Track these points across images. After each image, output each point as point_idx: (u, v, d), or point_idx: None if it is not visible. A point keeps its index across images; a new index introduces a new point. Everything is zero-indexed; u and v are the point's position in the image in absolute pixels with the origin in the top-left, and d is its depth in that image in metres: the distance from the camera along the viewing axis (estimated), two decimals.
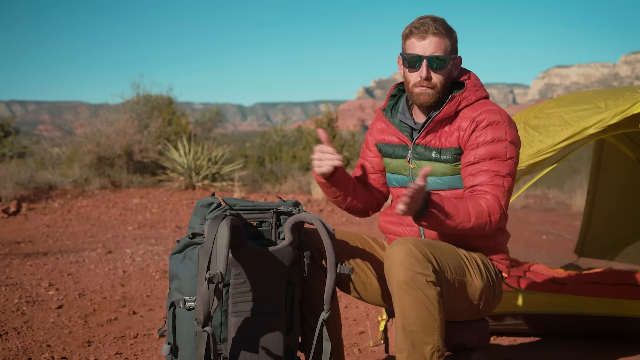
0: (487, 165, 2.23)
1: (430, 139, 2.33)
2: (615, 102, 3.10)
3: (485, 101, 2.35)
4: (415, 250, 2.02)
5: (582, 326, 3.38)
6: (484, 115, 2.27)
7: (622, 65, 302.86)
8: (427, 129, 2.33)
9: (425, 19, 2.29)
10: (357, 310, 4.07)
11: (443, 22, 2.30)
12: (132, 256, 5.68)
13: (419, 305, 2.00)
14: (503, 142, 2.25)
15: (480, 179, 2.22)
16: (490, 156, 2.24)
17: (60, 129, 59.96)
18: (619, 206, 4.77)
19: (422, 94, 2.30)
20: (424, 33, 2.26)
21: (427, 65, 2.27)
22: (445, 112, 2.30)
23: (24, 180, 10.29)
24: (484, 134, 2.25)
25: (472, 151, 2.26)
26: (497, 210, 2.18)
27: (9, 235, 6.80)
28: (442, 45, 2.27)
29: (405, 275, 1.99)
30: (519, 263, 4.18)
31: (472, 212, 2.14)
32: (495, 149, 2.24)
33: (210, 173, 11.69)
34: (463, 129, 2.29)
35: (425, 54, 2.27)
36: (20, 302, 4.02)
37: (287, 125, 19.21)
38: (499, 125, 2.26)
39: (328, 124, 15.44)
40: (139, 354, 3.17)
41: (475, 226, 2.16)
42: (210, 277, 1.92)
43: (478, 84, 2.37)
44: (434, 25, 2.26)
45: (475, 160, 2.24)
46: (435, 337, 2.02)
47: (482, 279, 2.25)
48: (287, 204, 2.22)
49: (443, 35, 2.27)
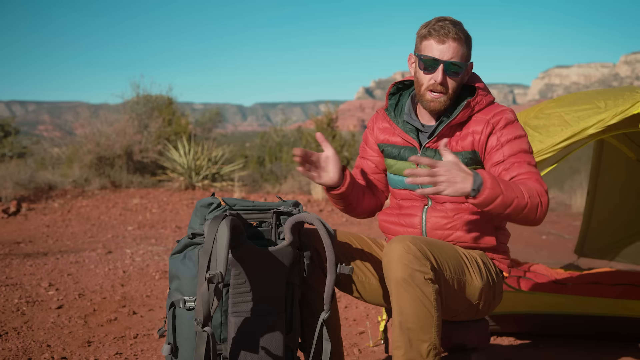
0: (519, 158, 2.24)
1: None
2: (615, 102, 3.10)
3: (495, 104, 2.36)
4: (413, 248, 2.02)
5: (582, 326, 3.38)
6: (498, 117, 2.28)
7: (622, 65, 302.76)
8: (440, 134, 2.31)
9: (445, 21, 2.25)
10: (357, 310, 4.07)
11: (462, 27, 2.27)
12: (132, 256, 5.68)
13: (417, 303, 1.99)
14: (524, 138, 2.30)
15: (517, 171, 2.23)
16: (518, 151, 2.26)
17: (60, 129, 59.95)
18: (619, 206, 4.78)
19: (433, 101, 2.29)
20: (444, 37, 2.23)
21: (443, 70, 2.24)
22: (460, 118, 2.29)
23: (24, 180, 10.29)
24: (505, 133, 2.27)
25: (498, 151, 2.26)
26: (544, 193, 2.18)
27: (9, 236, 6.79)
28: (460, 51, 2.25)
29: (404, 273, 1.99)
30: (519, 263, 4.18)
31: (525, 191, 2.12)
32: (520, 145, 2.27)
33: (210, 173, 11.70)
34: (478, 132, 2.28)
35: (443, 58, 2.23)
36: (20, 302, 4.02)
37: (287, 125, 19.21)
38: (514, 123, 2.30)
39: (328, 124, 15.44)
40: (139, 354, 3.17)
41: (530, 205, 2.12)
42: (210, 277, 1.92)
43: (486, 87, 2.39)
44: (454, 30, 2.23)
45: (505, 157, 2.25)
46: (432, 335, 2.02)
47: (481, 279, 2.25)
48: (287, 204, 2.22)
49: (462, 42, 2.25)
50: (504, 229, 2.43)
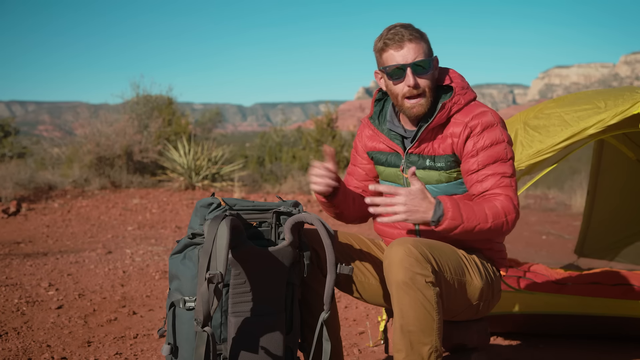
0: (492, 169, 2.20)
1: (423, 147, 2.30)
2: (615, 102, 3.10)
3: (475, 103, 2.30)
4: (414, 251, 2.01)
5: (581, 326, 3.38)
6: (476, 120, 2.23)
7: (622, 65, 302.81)
8: (420, 138, 2.29)
9: (396, 27, 2.24)
10: (357, 310, 4.07)
11: (413, 27, 2.25)
12: (132, 256, 5.68)
13: (418, 306, 1.99)
14: (502, 144, 2.23)
15: (488, 184, 2.20)
16: (492, 160, 2.21)
17: (60, 129, 59.95)
18: (619, 206, 4.78)
19: (414, 107, 2.26)
20: (400, 42, 2.21)
21: (412, 73, 2.22)
22: (437, 121, 2.26)
23: (23, 180, 10.29)
24: (481, 139, 2.22)
25: (472, 158, 2.22)
26: (512, 210, 2.16)
27: (8, 236, 6.79)
28: (421, 49, 2.22)
29: (405, 276, 1.99)
30: (519, 263, 4.18)
31: (489, 213, 2.12)
32: (496, 152, 2.22)
33: (210, 173, 11.70)
34: (456, 135, 2.25)
35: (407, 61, 2.21)
36: (20, 302, 4.02)
37: (287, 125, 19.23)
38: (493, 127, 2.24)
39: (328, 124, 15.45)
40: (139, 354, 3.17)
41: (493, 227, 2.13)
42: (210, 278, 1.92)
43: (465, 84, 2.32)
44: (407, 32, 2.21)
45: (478, 167, 2.22)
46: (433, 338, 2.02)
47: (481, 279, 2.25)
48: (287, 204, 2.22)
49: (419, 40, 2.23)
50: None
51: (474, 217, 2.10)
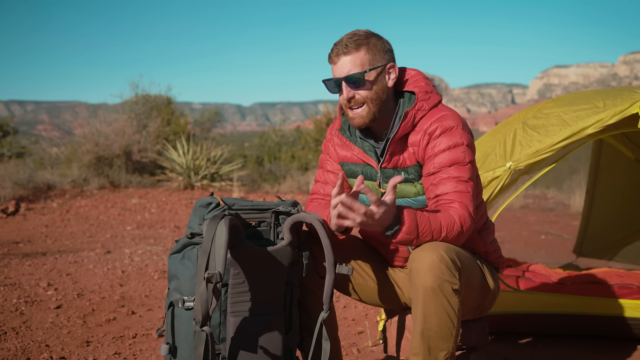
0: (448, 173, 2.14)
1: (396, 160, 2.25)
2: (613, 102, 3.11)
3: (439, 107, 2.23)
4: (446, 258, 1.98)
5: (580, 326, 3.38)
6: (435, 125, 2.17)
7: (620, 65, 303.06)
8: (389, 151, 2.24)
9: (342, 40, 2.19)
10: (356, 310, 4.07)
11: (359, 36, 2.17)
12: (130, 256, 5.68)
13: (442, 313, 1.98)
14: (460, 147, 2.16)
15: (443, 188, 2.13)
16: (449, 163, 2.15)
17: (59, 129, 59.90)
18: (617, 206, 4.78)
19: (354, 118, 2.22)
20: (335, 57, 2.19)
21: (346, 86, 2.18)
22: (402, 131, 2.20)
23: (22, 180, 10.28)
24: (439, 142, 2.16)
25: (430, 162, 2.17)
26: (468, 218, 2.10)
27: (7, 235, 6.79)
28: (356, 61, 2.16)
29: (433, 282, 1.96)
30: (518, 263, 4.18)
31: (444, 224, 2.06)
32: (453, 155, 2.15)
33: (209, 173, 11.70)
34: (416, 143, 2.20)
35: (340, 76, 2.17)
36: (19, 302, 4.02)
37: (286, 125, 19.23)
38: (453, 130, 2.17)
39: (327, 124, 15.45)
40: (138, 354, 3.17)
41: (448, 236, 2.07)
42: (208, 277, 1.92)
43: (429, 88, 2.24)
44: (344, 44, 2.17)
45: (435, 170, 2.16)
46: (450, 344, 2.02)
47: (494, 282, 2.27)
48: (286, 203, 2.22)
49: (354, 51, 2.15)
50: (487, 227, 2.41)
51: (428, 232, 2.03)
